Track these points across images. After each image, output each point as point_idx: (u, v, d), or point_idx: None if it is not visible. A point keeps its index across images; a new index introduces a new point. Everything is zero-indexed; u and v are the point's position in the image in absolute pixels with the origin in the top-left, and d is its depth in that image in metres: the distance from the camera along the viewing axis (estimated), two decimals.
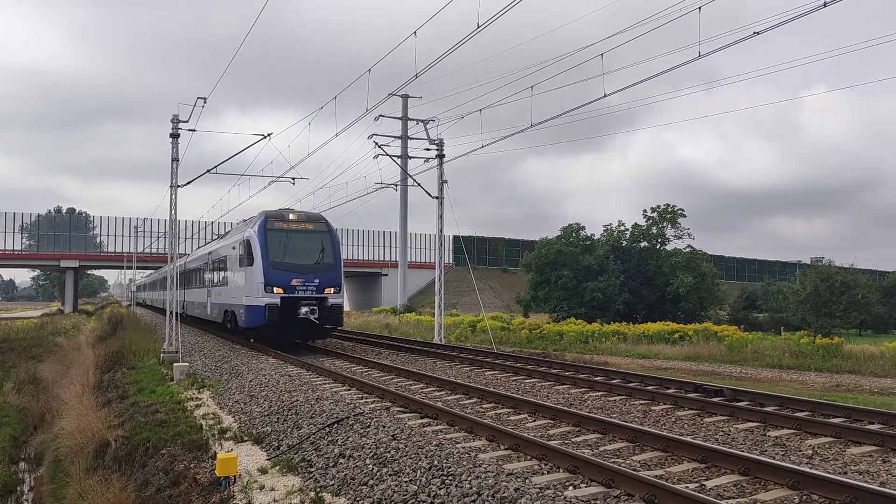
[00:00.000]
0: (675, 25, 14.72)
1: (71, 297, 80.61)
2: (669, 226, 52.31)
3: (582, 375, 14.94)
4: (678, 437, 8.34)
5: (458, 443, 8.31)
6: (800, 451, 8.09)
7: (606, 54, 15.97)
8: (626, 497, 6.10)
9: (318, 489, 7.46)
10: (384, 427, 9.27)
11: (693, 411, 10.61)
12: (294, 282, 19.93)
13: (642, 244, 53.27)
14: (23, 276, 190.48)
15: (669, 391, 12.35)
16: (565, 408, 10.60)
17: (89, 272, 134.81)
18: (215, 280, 26.54)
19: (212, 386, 15.11)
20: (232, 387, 14.56)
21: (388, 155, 27.50)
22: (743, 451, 7.69)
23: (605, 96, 16.05)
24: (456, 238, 66.69)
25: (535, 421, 9.97)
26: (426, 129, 27.55)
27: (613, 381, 13.84)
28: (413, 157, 32.56)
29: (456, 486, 6.65)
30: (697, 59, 13.60)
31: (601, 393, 12.70)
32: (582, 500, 6.05)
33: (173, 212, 21.27)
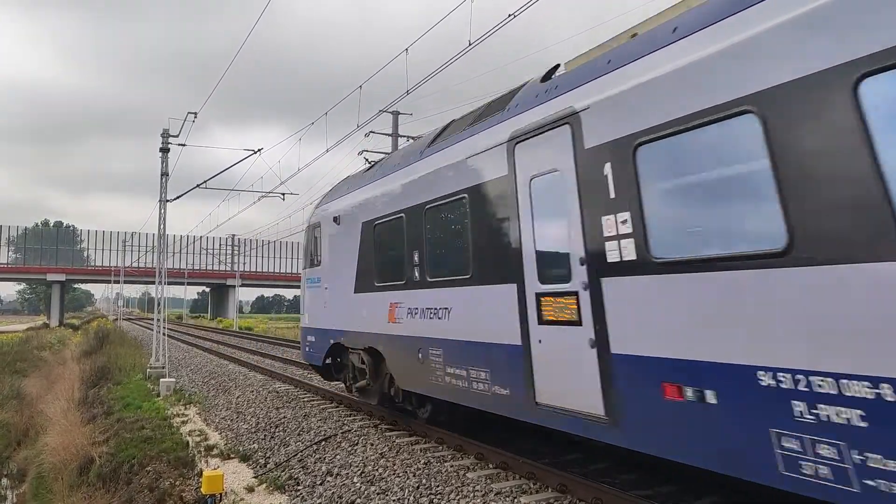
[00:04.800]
0: None
1: (57, 311, 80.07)
2: None
3: None
4: None
5: (446, 461, 8.28)
6: None
7: None
8: None
9: None
10: (372, 445, 9.24)
11: None
12: None
13: None
14: (8, 290, 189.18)
15: None
16: None
17: (76, 286, 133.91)
18: None
19: (198, 402, 14.99)
20: (219, 403, 14.46)
21: None
22: None
23: None
24: None
25: (523, 438, 9.93)
26: None
27: None
28: None
29: None
30: None
31: None
32: None
33: (162, 226, 21.20)
